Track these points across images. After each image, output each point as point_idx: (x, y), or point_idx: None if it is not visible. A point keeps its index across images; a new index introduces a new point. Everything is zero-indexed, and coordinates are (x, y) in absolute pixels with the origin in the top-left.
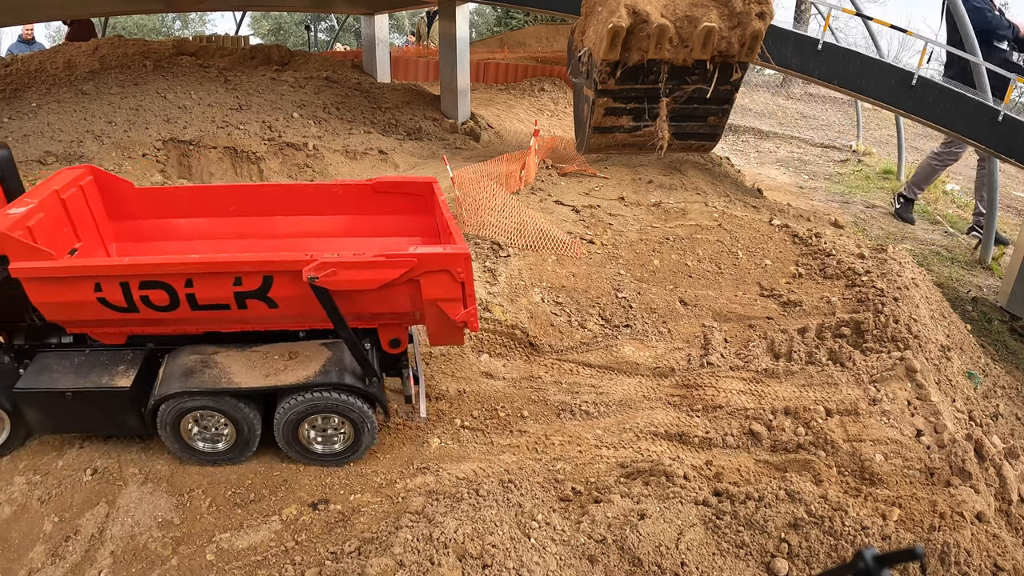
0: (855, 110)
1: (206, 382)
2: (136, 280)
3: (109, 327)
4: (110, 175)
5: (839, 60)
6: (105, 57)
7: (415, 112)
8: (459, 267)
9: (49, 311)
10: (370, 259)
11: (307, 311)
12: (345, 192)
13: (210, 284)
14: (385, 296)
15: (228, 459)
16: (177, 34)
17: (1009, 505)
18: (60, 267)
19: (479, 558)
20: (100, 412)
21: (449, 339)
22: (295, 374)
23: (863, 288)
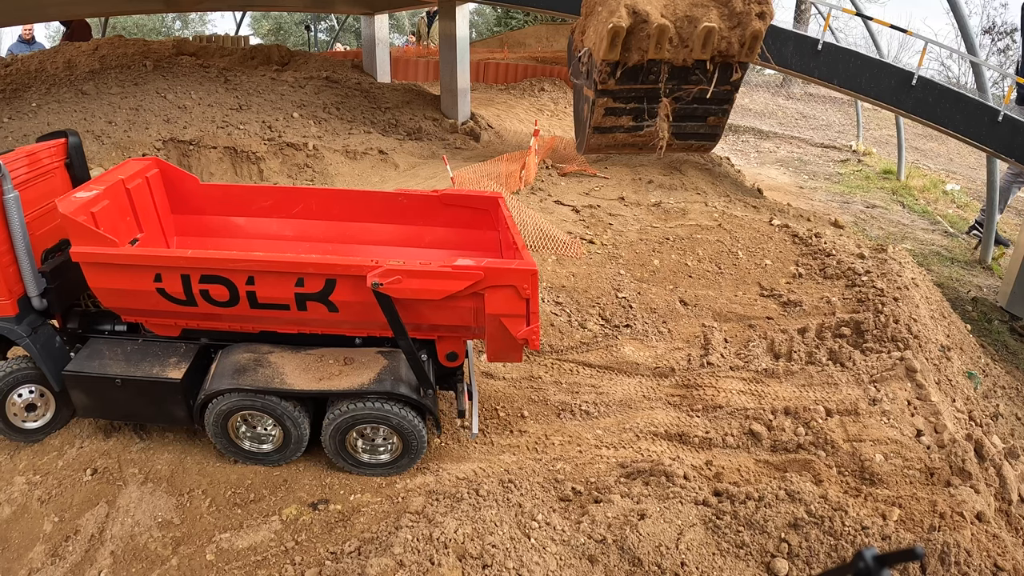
0: (855, 110)
1: (258, 381)
2: (197, 273)
3: (164, 318)
4: (177, 169)
5: (839, 60)
6: (105, 57)
7: (415, 112)
8: (525, 283)
9: (106, 297)
10: (436, 269)
11: (366, 318)
12: (411, 202)
13: (272, 283)
14: (448, 308)
15: (272, 461)
16: (177, 34)
17: (1009, 505)
18: (121, 254)
19: (479, 558)
20: (148, 401)
21: (508, 356)
22: (348, 380)
23: (863, 288)
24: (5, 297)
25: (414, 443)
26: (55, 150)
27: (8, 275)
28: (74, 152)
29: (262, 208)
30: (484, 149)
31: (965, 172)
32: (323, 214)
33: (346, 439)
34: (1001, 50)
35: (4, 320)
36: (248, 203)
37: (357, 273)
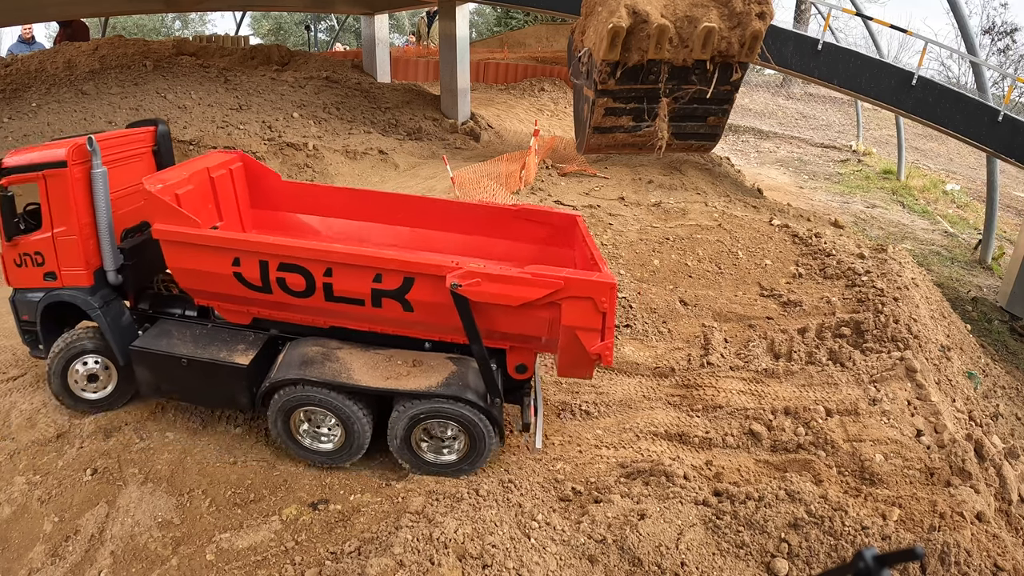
0: (855, 110)
1: (325, 374)
2: (276, 260)
3: (237, 304)
4: (260, 165)
5: (839, 60)
6: (105, 57)
7: (415, 112)
8: (604, 296)
9: (183, 278)
10: (516, 275)
11: (440, 320)
12: (488, 214)
13: (349, 276)
14: (523, 316)
15: (331, 461)
16: (177, 34)
17: (1009, 505)
18: (202, 235)
19: (479, 558)
20: (212, 384)
21: (578, 371)
22: (416, 381)
23: (863, 288)
24: (82, 267)
25: (480, 445)
26: (145, 136)
27: (88, 247)
28: (162, 140)
29: (340, 209)
30: (484, 149)
31: (965, 172)
32: (402, 219)
33: (411, 437)
34: (1001, 50)
35: (78, 290)
36: (327, 203)
37: (436, 273)
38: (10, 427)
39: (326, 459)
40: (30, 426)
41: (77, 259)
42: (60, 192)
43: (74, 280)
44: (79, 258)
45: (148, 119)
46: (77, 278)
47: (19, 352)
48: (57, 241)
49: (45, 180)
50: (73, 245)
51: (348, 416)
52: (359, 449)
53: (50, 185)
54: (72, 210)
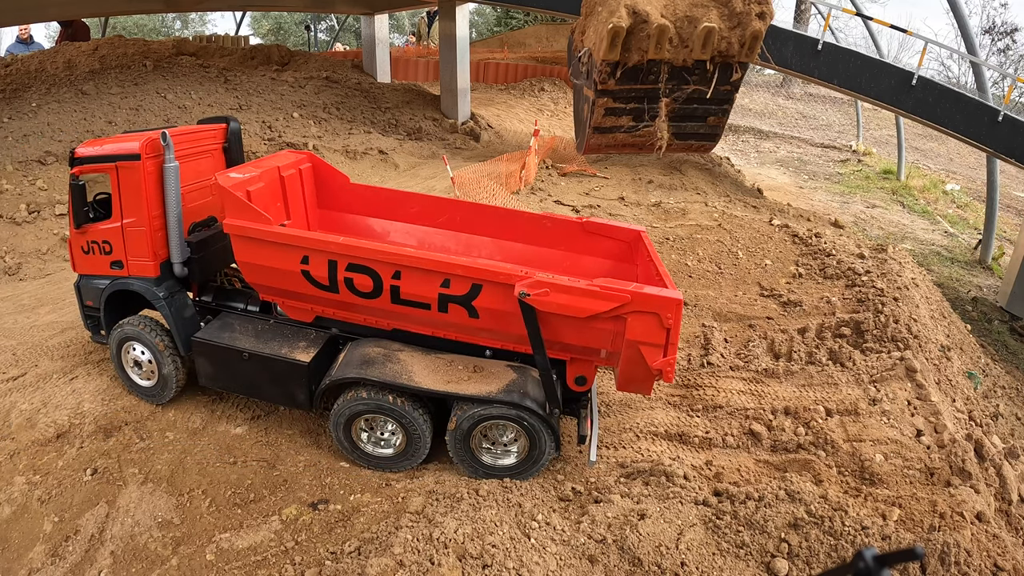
0: (855, 110)
1: (385, 375)
2: (345, 260)
3: (301, 301)
4: (329, 166)
5: (839, 60)
6: (105, 57)
7: (415, 112)
8: (669, 312)
9: (250, 272)
10: (584, 287)
11: (505, 328)
12: (554, 226)
13: (418, 280)
14: (588, 328)
15: (393, 466)
16: (177, 34)
17: (1009, 505)
18: (272, 231)
19: (479, 558)
20: (271, 379)
21: (638, 387)
22: (477, 387)
23: (863, 288)
24: (149, 258)
25: (537, 452)
26: (216, 133)
27: (156, 239)
28: (233, 137)
29: (407, 214)
30: (484, 149)
31: (965, 172)
32: (466, 227)
33: (471, 440)
34: (1001, 50)
35: (144, 280)
36: (394, 207)
37: (505, 281)
38: (10, 427)
39: (388, 464)
40: (30, 426)
41: (145, 250)
42: (132, 184)
43: (141, 270)
44: (147, 249)
45: (220, 116)
46: (144, 268)
47: (19, 352)
48: (126, 231)
49: (117, 171)
50: (142, 236)
51: (409, 421)
52: (420, 453)
53: (122, 176)
54: (143, 202)
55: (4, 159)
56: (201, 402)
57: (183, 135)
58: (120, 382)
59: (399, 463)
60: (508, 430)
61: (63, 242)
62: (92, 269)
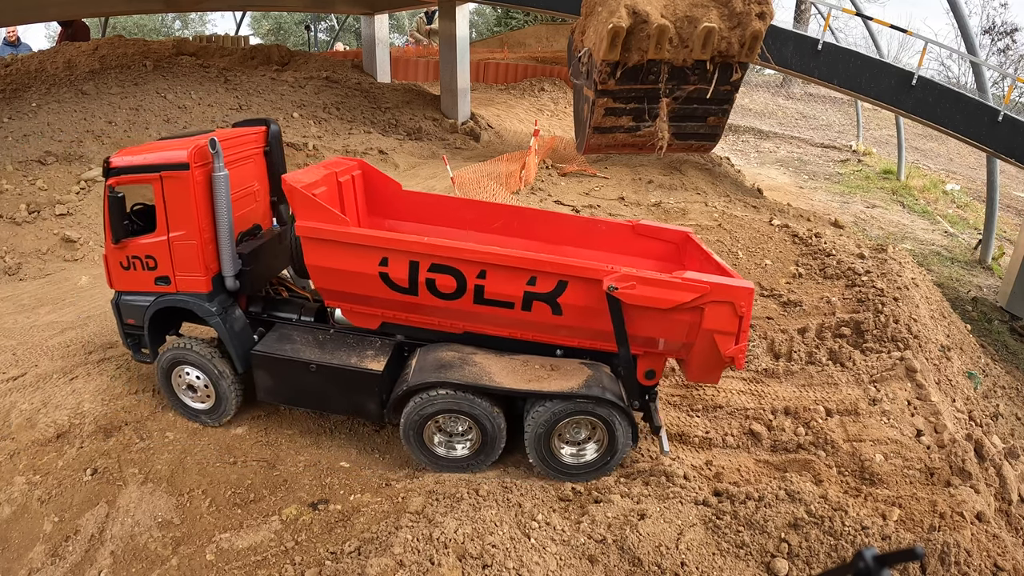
0: (855, 110)
1: (466, 377)
2: (428, 261)
3: (370, 307)
4: (380, 173)
5: (839, 60)
6: (105, 57)
7: (415, 112)
8: (743, 301)
9: (320, 276)
10: (668, 279)
11: (585, 324)
12: (606, 229)
13: (504, 279)
14: (667, 320)
15: (466, 466)
16: (177, 34)
17: (1009, 505)
18: (351, 233)
19: (479, 558)
20: (341, 390)
21: (708, 376)
22: (559, 383)
23: (863, 288)
24: (201, 273)
25: (616, 446)
26: (257, 136)
27: (207, 252)
28: (274, 141)
29: (461, 220)
30: (484, 149)
31: (965, 172)
32: (520, 232)
33: (551, 439)
34: (1001, 50)
35: (196, 296)
36: (447, 214)
37: (592, 276)
38: (10, 427)
39: (461, 465)
40: (30, 426)
41: (195, 264)
42: (180, 195)
43: (191, 286)
44: (198, 263)
45: (257, 118)
46: (194, 284)
47: (19, 352)
48: (173, 245)
49: (162, 182)
50: (191, 250)
51: (485, 420)
52: (494, 453)
53: (168, 187)
54: (192, 214)
55: (4, 159)
56: None
57: (225, 140)
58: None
59: (473, 462)
60: (583, 427)
61: (63, 242)
62: (133, 286)
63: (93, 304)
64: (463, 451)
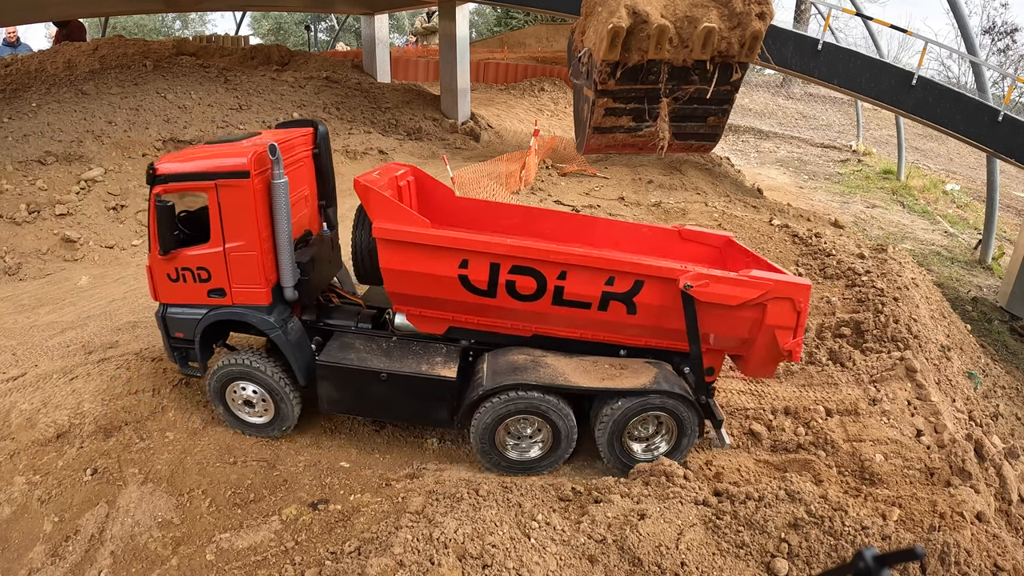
0: (855, 110)
1: (542, 378)
2: (510, 262)
3: (440, 311)
4: (431, 178)
5: (839, 60)
6: (105, 57)
7: (415, 112)
8: (801, 297)
9: (394, 280)
10: (737, 277)
11: (657, 323)
12: (651, 234)
13: (584, 279)
14: (732, 316)
15: (538, 467)
16: (177, 34)
17: (1009, 505)
18: (434, 235)
19: (479, 558)
20: (413, 398)
21: (764, 370)
22: (630, 381)
23: (863, 288)
24: (261, 285)
25: (684, 440)
26: (306, 138)
27: (267, 263)
28: (323, 143)
29: (509, 225)
30: (484, 149)
31: (965, 172)
32: (568, 237)
33: (623, 435)
34: (1001, 50)
35: (254, 309)
36: (496, 219)
37: (668, 276)
38: (10, 427)
39: (534, 466)
40: (30, 426)
41: (255, 276)
42: (239, 204)
43: (249, 298)
44: (257, 275)
45: (304, 119)
46: (253, 296)
47: (19, 352)
48: (230, 256)
49: (218, 190)
50: (251, 261)
51: (558, 419)
52: (566, 451)
53: (225, 196)
54: (253, 223)
55: (4, 159)
56: (201, 402)
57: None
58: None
59: (545, 463)
60: (650, 423)
61: (63, 242)
62: (183, 298)
63: (93, 304)
64: (536, 452)
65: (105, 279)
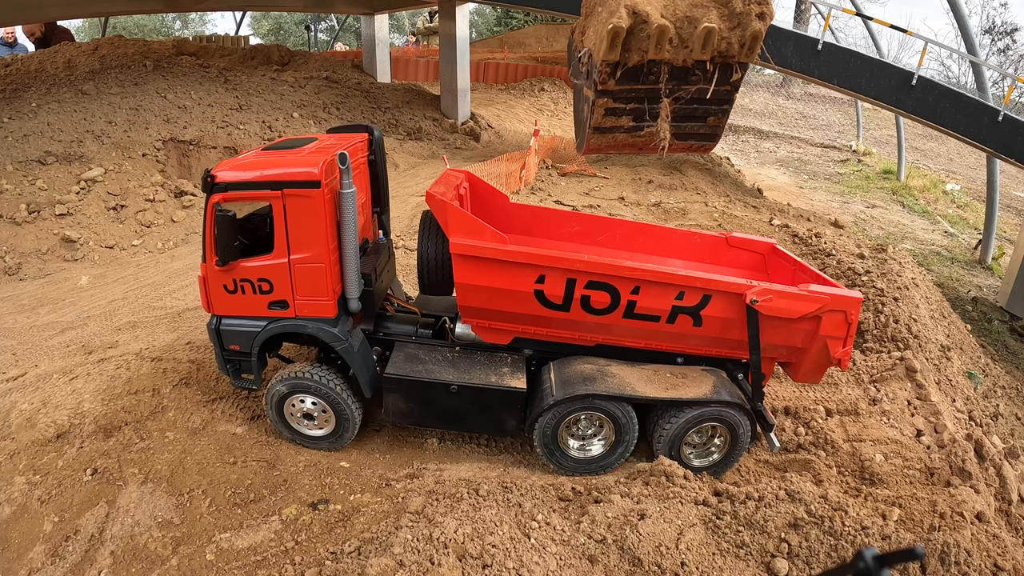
0: (855, 110)
1: (611, 388)
2: (585, 278)
3: (509, 323)
4: (487, 185)
5: (839, 60)
6: (105, 57)
7: (415, 112)
8: (853, 310)
9: (468, 294)
10: (798, 292)
11: (721, 334)
12: (702, 241)
13: (656, 294)
14: (790, 328)
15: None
16: (177, 34)
17: (1009, 505)
18: (514, 251)
19: (479, 558)
20: (483, 409)
21: (814, 376)
22: (692, 390)
23: (863, 288)
24: (327, 297)
25: (738, 446)
26: (362, 145)
27: (334, 274)
28: (378, 148)
29: (567, 233)
30: (484, 149)
31: (965, 172)
32: (625, 244)
33: (681, 442)
34: (1001, 50)
35: (320, 321)
36: (554, 226)
37: (735, 291)
38: (10, 427)
39: (598, 465)
40: (30, 426)
41: (322, 288)
42: (308, 214)
43: (314, 310)
44: (325, 287)
45: (358, 124)
46: (319, 308)
47: (19, 352)
48: (296, 268)
49: (284, 199)
50: (318, 273)
51: (621, 416)
52: (629, 447)
53: (292, 205)
54: (322, 234)
55: (4, 159)
56: (201, 402)
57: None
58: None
59: (610, 460)
60: (705, 431)
61: (63, 242)
62: (240, 310)
63: (93, 304)
64: (599, 449)
65: (105, 279)
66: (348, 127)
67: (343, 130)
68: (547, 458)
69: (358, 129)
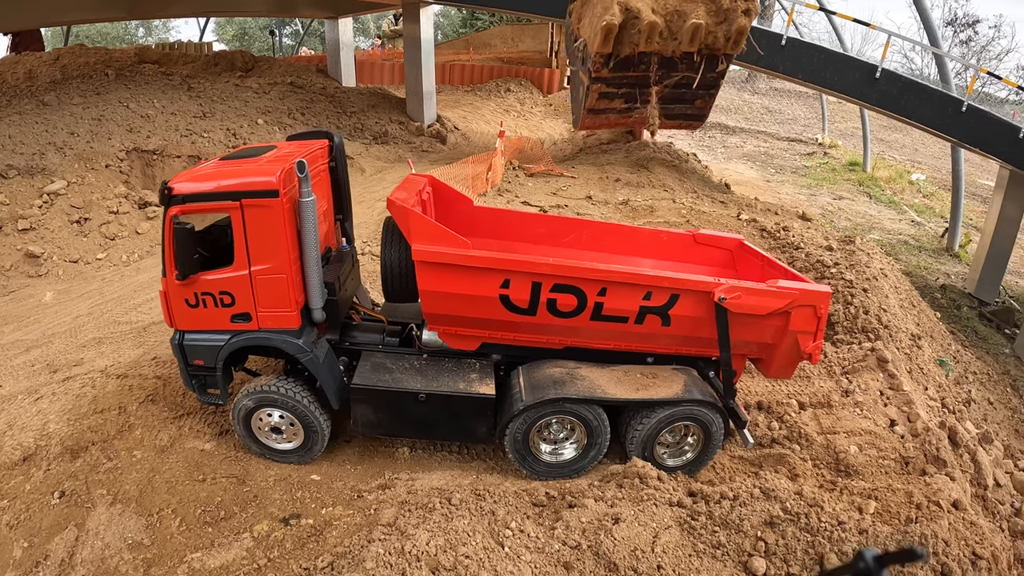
0: (820, 104)
1: (581, 391)
2: (551, 281)
3: (475, 328)
4: (451, 189)
5: (803, 55)
6: (66, 67)
7: (381, 115)
8: (822, 304)
9: (433, 301)
10: (766, 288)
11: (690, 333)
12: (669, 239)
13: (623, 295)
14: (759, 324)
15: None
16: (141, 41)
17: (985, 490)
18: (477, 256)
19: (452, 570)
20: (452, 416)
21: (786, 371)
22: (663, 391)
23: (832, 280)
24: (290, 308)
25: (711, 444)
26: (322, 151)
27: (296, 284)
28: (339, 155)
29: (533, 235)
30: (451, 151)
31: (930, 162)
32: (590, 244)
33: (654, 443)
34: (963, 41)
35: (283, 333)
36: (519, 229)
37: (703, 289)
38: None
39: (571, 469)
40: None
41: (284, 299)
42: (267, 224)
43: (277, 322)
44: (287, 298)
45: (317, 130)
46: (282, 320)
47: None
48: (257, 279)
49: (243, 210)
50: (280, 284)
51: (592, 419)
52: (601, 450)
53: (251, 216)
54: (283, 245)
55: None
56: (168, 419)
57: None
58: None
59: (583, 463)
60: (677, 430)
61: (26, 258)
62: (203, 324)
63: (58, 321)
64: (572, 453)
65: (70, 294)
66: (308, 134)
67: (303, 137)
68: (519, 463)
69: (318, 135)
